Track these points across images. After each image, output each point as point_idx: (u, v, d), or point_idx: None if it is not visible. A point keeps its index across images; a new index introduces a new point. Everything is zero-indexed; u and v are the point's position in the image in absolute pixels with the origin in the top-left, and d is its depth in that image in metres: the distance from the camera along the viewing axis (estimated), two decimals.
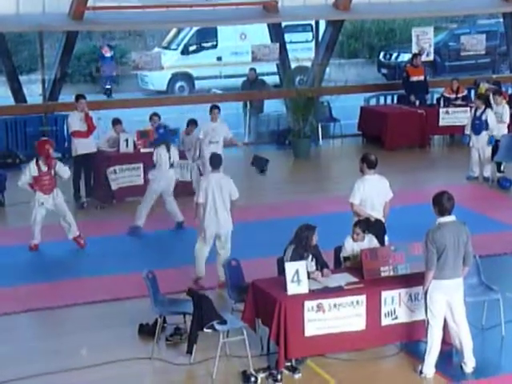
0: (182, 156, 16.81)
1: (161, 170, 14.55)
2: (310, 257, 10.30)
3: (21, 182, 13.99)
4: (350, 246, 10.76)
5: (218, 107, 16.63)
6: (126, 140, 16.58)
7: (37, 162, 13.96)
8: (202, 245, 12.18)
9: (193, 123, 17.09)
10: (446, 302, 9.55)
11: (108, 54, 28.51)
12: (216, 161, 12.36)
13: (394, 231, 11.85)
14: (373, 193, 11.55)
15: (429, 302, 9.58)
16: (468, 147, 17.83)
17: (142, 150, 16.40)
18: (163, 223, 14.82)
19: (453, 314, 9.62)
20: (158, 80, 28.41)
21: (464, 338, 9.66)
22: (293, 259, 10.02)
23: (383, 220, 11.62)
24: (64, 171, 14.16)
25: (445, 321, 9.69)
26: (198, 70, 28.72)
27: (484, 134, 17.33)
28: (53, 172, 14.01)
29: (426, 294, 9.61)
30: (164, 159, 14.53)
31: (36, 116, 20.12)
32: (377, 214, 11.54)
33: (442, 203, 9.50)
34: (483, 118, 17.29)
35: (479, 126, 17.34)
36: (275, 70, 22.91)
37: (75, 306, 11.71)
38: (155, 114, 17.24)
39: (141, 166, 16.12)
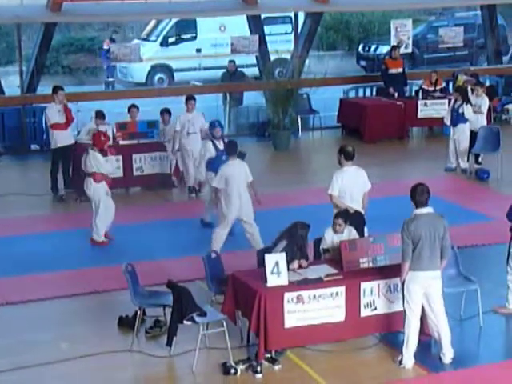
0: (162, 148, 16.81)
1: None
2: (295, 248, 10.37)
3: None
4: (330, 238, 10.78)
5: (193, 98, 16.59)
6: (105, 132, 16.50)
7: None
8: (223, 229, 12.55)
9: (166, 112, 17.04)
10: (423, 294, 9.60)
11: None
12: (232, 148, 12.83)
13: (373, 223, 11.89)
14: (351, 184, 11.60)
15: (406, 293, 9.64)
16: (447, 139, 17.91)
17: (121, 142, 16.36)
18: (144, 216, 14.82)
19: (430, 305, 9.67)
20: (137, 72, 28.32)
21: (442, 330, 9.71)
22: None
23: (362, 211, 11.67)
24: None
25: (423, 312, 9.74)
26: (177, 61, 28.64)
27: (461, 127, 17.40)
28: None
29: (403, 285, 9.66)
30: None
31: (14, 108, 20.02)
32: (356, 205, 11.59)
33: (415, 196, 9.58)
34: (460, 110, 17.36)
35: (457, 117, 17.41)
36: (254, 62, 22.91)
37: (54, 299, 11.67)
38: (134, 106, 17.21)
39: (120, 158, 16.07)
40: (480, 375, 9.60)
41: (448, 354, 9.72)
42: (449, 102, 18.94)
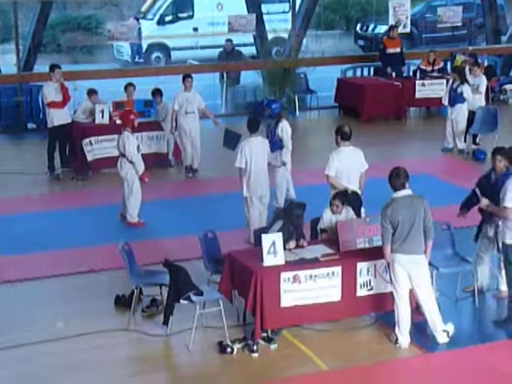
0: (159, 127, 16.78)
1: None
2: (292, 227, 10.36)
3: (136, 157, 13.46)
4: (328, 218, 10.78)
5: (190, 76, 16.53)
6: (102, 111, 16.49)
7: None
8: (251, 208, 12.38)
9: (157, 93, 16.96)
10: (408, 276, 9.60)
11: None
12: (254, 125, 12.59)
13: (370, 203, 11.86)
14: (348, 164, 11.59)
15: (392, 275, 9.66)
16: (444, 119, 17.89)
17: (118, 122, 16.32)
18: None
19: (416, 288, 9.66)
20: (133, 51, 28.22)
21: (431, 311, 9.70)
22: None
23: (359, 192, 11.66)
24: None
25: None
26: (174, 40, 28.55)
27: (458, 107, 17.37)
28: None
29: (388, 267, 9.69)
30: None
31: (10, 86, 19.97)
32: (353, 185, 11.58)
33: (390, 181, 9.60)
34: (458, 90, 17.33)
35: (454, 98, 17.38)
36: (252, 41, 22.84)
37: (51, 278, 11.68)
38: (130, 84, 17.16)
39: (116, 137, 16.03)
40: (475, 355, 9.63)
41: (440, 335, 9.73)
42: (447, 82, 18.90)
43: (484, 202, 10.05)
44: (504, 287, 10.60)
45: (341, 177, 11.57)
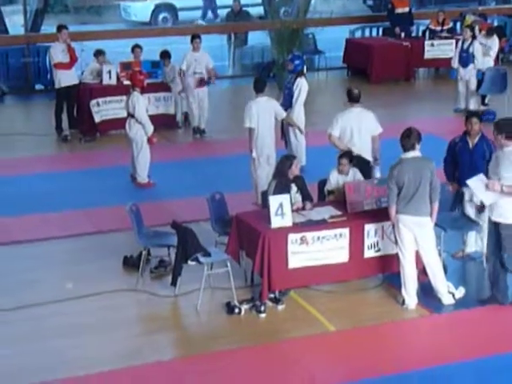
0: (166, 88, 16.72)
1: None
2: (295, 188, 10.32)
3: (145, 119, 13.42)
4: (335, 180, 10.76)
5: (199, 37, 16.45)
6: (109, 72, 16.44)
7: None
8: (258, 170, 12.33)
9: (165, 55, 16.89)
10: (413, 237, 9.60)
11: None
12: (260, 85, 12.54)
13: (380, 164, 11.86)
14: (353, 125, 11.51)
15: (397, 236, 9.67)
16: (455, 81, 17.77)
17: (125, 83, 16.25)
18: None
19: (420, 250, 9.67)
20: (141, 11, 28.10)
21: (435, 275, 9.70)
22: (277, 192, 10.02)
23: (368, 157, 11.56)
24: None
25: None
26: (181, 0, 28.37)
27: (471, 67, 17.27)
28: None
29: (394, 228, 9.69)
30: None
31: (18, 47, 19.91)
32: (357, 148, 11.47)
33: (400, 140, 9.55)
34: (470, 50, 17.22)
35: (466, 58, 17.27)
36: (260, 1, 22.68)
37: (59, 239, 11.72)
38: (137, 46, 17.09)
39: (124, 98, 15.99)
40: (482, 316, 9.66)
41: (445, 297, 9.74)
42: (456, 43, 18.77)
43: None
44: (468, 249, 10.80)
45: (343, 138, 11.50)
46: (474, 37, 17.41)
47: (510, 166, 9.23)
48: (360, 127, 11.57)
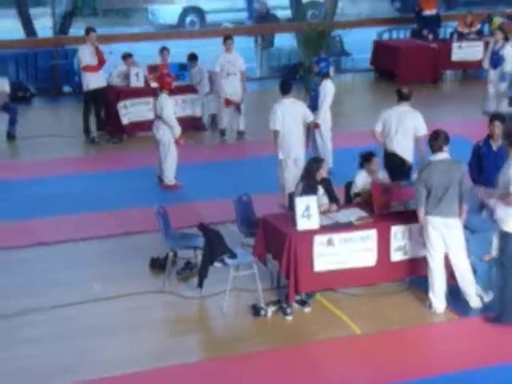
0: (193, 91, 16.76)
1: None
2: (322, 191, 10.30)
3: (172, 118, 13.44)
4: (361, 182, 10.73)
5: (231, 38, 16.48)
6: (137, 74, 16.50)
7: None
8: (285, 171, 12.31)
9: (193, 57, 16.95)
10: (442, 240, 9.54)
11: None
12: (286, 86, 12.53)
13: None
14: (393, 123, 11.56)
15: (425, 239, 9.62)
16: (485, 82, 17.65)
17: (153, 85, 16.31)
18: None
19: (449, 253, 9.61)
20: (168, 14, 28.17)
21: (463, 277, 9.64)
22: (304, 193, 10.02)
23: (407, 158, 11.59)
24: None
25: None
26: (209, 3, 28.43)
27: (501, 69, 17.17)
28: None
29: (422, 230, 9.64)
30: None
31: (46, 50, 20.04)
32: (393, 146, 11.50)
33: (428, 142, 9.54)
34: (500, 52, 17.11)
35: (497, 60, 17.17)
36: (287, 3, 22.69)
37: (87, 240, 11.78)
38: (164, 49, 17.18)
39: (151, 100, 16.03)
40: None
41: (473, 300, 9.66)
42: (484, 45, 18.65)
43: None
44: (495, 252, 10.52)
45: (383, 134, 11.57)
46: (506, 39, 17.28)
47: None
48: (400, 125, 11.57)
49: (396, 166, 11.43)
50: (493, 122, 10.53)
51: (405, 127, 11.57)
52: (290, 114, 12.30)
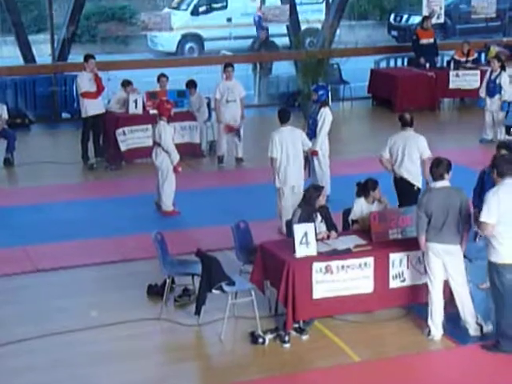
0: (191, 117, 16.81)
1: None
2: (320, 218, 10.32)
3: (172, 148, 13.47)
4: (359, 209, 10.75)
5: (231, 65, 16.58)
6: (135, 101, 16.55)
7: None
8: (282, 199, 12.43)
9: (192, 84, 17.03)
10: (443, 266, 9.55)
11: None
12: (284, 115, 12.70)
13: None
14: (400, 148, 11.81)
15: (426, 265, 9.63)
16: (482, 110, 17.73)
17: (151, 112, 16.37)
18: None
19: (450, 279, 9.61)
20: (167, 41, 28.28)
21: (463, 304, 9.63)
22: (301, 220, 10.03)
23: (414, 182, 11.80)
24: None
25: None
26: (207, 31, 28.57)
27: (497, 98, 17.26)
28: None
29: (423, 256, 9.66)
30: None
31: (45, 76, 20.11)
32: (401, 171, 11.72)
33: (431, 169, 9.59)
34: (497, 81, 17.22)
35: (493, 88, 17.27)
36: (285, 31, 22.79)
37: (84, 267, 11.76)
38: (163, 75, 17.23)
39: (150, 127, 16.08)
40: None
41: (472, 327, 9.65)
42: (481, 74, 18.74)
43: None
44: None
45: (391, 159, 11.85)
46: (502, 67, 17.39)
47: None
48: (406, 150, 11.81)
49: (405, 191, 11.62)
50: (498, 149, 10.60)
51: (410, 152, 11.82)
52: (287, 142, 12.37)
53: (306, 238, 9.73)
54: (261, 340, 9.59)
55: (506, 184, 9.00)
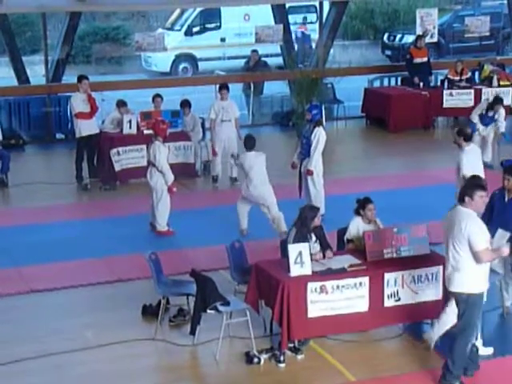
0: (186, 137, 16.83)
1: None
2: (314, 238, 10.32)
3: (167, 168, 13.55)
4: (355, 228, 10.74)
5: (227, 88, 16.60)
6: (130, 121, 16.57)
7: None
8: (240, 202, 13.35)
9: (186, 104, 17.07)
10: None
11: None
12: (250, 142, 13.17)
13: (397, 213, 11.86)
14: (474, 164, 12.15)
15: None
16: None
17: (146, 132, 16.39)
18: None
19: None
20: (161, 61, 28.37)
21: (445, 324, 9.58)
22: (296, 240, 10.03)
23: None
24: None
25: None
26: (201, 51, 28.67)
27: (491, 126, 17.11)
28: None
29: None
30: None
31: (39, 97, 20.14)
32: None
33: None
34: (496, 116, 17.08)
35: (489, 120, 17.16)
36: (279, 51, 22.88)
37: (79, 287, 11.74)
38: (158, 96, 17.26)
39: (144, 147, 16.10)
40: (502, 367, 9.55)
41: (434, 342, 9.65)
42: (475, 93, 18.72)
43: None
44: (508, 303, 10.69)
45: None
46: (499, 102, 17.17)
47: None
48: (477, 164, 12.27)
49: None
50: (504, 174, 10.57)
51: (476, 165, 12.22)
52: (254, 166, 12.93)
53: (301, 258, 9.72)
54: (256, 360, 9.57)
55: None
